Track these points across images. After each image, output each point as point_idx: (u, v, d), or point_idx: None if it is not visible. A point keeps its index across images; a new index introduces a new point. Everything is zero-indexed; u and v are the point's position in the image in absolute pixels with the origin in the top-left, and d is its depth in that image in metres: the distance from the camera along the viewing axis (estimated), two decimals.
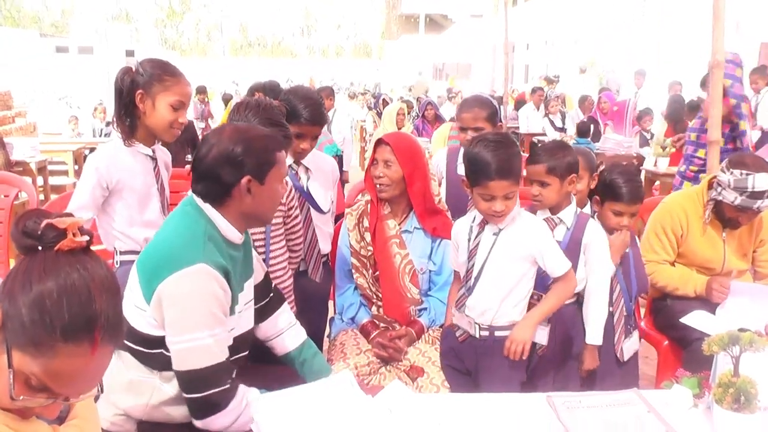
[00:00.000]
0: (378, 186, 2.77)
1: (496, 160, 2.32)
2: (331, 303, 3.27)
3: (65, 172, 8.78)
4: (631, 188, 2.80)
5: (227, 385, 1.89)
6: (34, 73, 17.53)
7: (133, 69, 2.61)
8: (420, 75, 29.62)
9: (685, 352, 2.98)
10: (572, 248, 2.62)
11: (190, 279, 1.84)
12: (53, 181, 8.39)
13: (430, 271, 2.86)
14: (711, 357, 2.02)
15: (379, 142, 2.80)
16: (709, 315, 2.95)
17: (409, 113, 9.87)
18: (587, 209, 2.90)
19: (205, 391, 1.87)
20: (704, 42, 3.89)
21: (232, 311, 1.99)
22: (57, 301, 1.14)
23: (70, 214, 1.23)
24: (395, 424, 1.86)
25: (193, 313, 1.85)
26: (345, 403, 1.92)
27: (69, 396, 1.20)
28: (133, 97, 2.58)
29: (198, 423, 1.91)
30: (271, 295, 2.38)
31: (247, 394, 1.95)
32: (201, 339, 1.85)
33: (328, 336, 3.09)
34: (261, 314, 2.31)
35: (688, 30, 16.63)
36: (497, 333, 2.47)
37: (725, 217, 3.01)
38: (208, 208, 1.98)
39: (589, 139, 8.48)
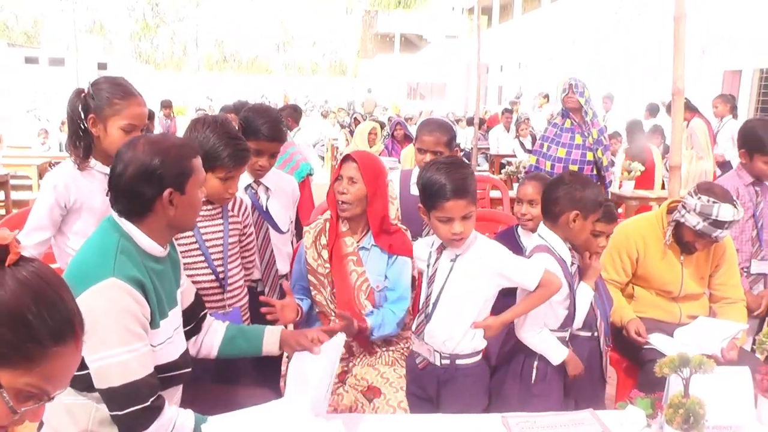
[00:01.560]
0: (340, 203, 2.77)
1: (450, 180, 2.32)
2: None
3: (29, 187, 8.64)
4: (609, 209, 2.85)
5: (148, 403, 1.84)
6: (0, 84, 17.31)
7: (85, 92, 2.57)
8: (369, 92, 29.84)
9: (640, 373, 3.02)
10: None
11: (101, 295, 1.80)
12: (16, 195, 8.22)
13: (385, 288, 2.85)
14: (659, 376, 2.04)
15: (346, 159, 2.80)
16: (668, 337, 3.01)
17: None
18: None
19: (127, 408, 1.82)
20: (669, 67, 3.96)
21: (155, 325, 1.95)
22: (38, 313, 1.16)
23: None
24: None
25: (106, 330, 1.81)
26: (297, 425, 1.90)
27: (56, 391, 1.23)
28: (85, 122, 2.54)
29: None
30: (204, 312, 2.34)
31: (177, 418, 1.91)
32: (117, 356, 1.80)
33: (287, 356, 3.06)
34: (193, 332, 2.27)
35: (656, 55, 16.94)
36: (458, 361, 2.47)
37: (683, 240, 3.05)
38: (125, 223, 1.95)
39: None
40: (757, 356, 2.77)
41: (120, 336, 1.82)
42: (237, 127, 2.69)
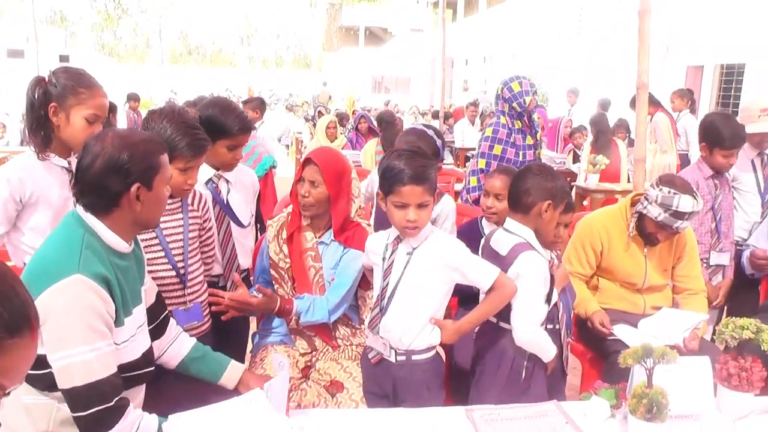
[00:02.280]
0: (302, 205, 2.73)
1: (410, 167, 2.30)
2: (253, 319, 3.21)
3: None
4: (569, 200, 2.85)
5: (111, 403, 1.80)
6: None
7: (46, 79, 2.49)
8: (324, 85, 29.89)
9: (604, 365, 3.05)
10: None
11: (65, 292, 1.76)
12: None
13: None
14: (629, 369, 2.06)
15: (308, 161, 2.74)
16: (632, 328, 3.04)
17: (344, 125, 9.88)
18: None
19: (90, 408, 1.78)
20: (629, 62, 4.00)
21: (119, 322, 1.91)
22: None
23: None
24: None
25: (70, 328, 1.76)
26: (257, 421, 1.87)
27: (12, 386, 1.20)
28: (46, 110, 2.46)
29: None
30: (165, 313, 2.30)
31: (141, 421, 1.87)
32: (80, 354, 1.76)
33: (250, 352, 3.03)
34: (156, 332, 2.22)
35: (620, 50, 17.14)
36: (414, 357, 2.43)
37: (645, 231, 3.08)
38: (90, 218, 1.90)
39: None
40: (717, 346, 2.82)
41: (83, 334, 1.77)
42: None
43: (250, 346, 3.11)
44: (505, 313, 2.51)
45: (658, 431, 1.93)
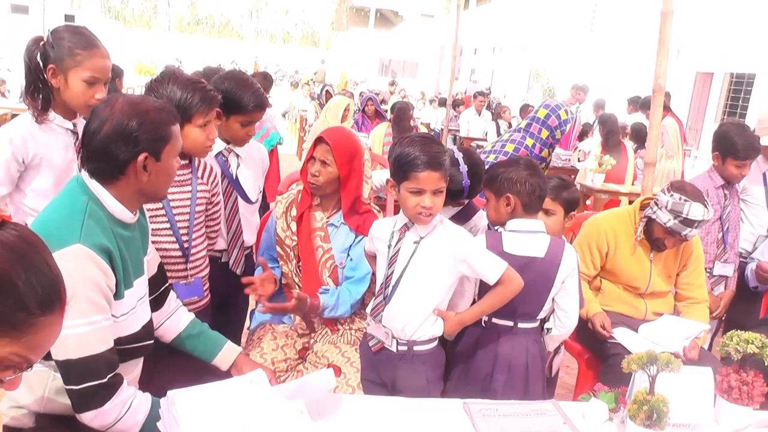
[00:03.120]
0: (312, 183, 2.70)
1: (425, 152, 2.27)
2: (251, 296, 3.19)
3: None
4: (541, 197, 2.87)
5: (105, 380, 1.77)
6: None
7: (44, 40, 2.42)
8: (322, 63, 29.85)
9: (602, 366, 3.04)
10: None
11: (64, 261, 1.65)
12: None
13: (347, 265, 2.79)
14: (626, 372, 2.04)
15: (320, 140, 2.70)
16: (633, 332, 3.03)
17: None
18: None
19: (83, 383, 1.75)
20: (641, 63, 3.95)
21: (119, 295, 1.87)
22: (27, 281, 1.10)
23: None
24: (306, 424, 1.80)
25: (68, 300, 1.74)
26: (258, 401, 1.84)
27: (37, 360, 1.19)
28: (44, 72, 2.40)
29: (79, 417, 1.80)
30: (165, 284, 2.26)
31: (134, 399, 1.84)
32: (76, 327, 1.72)
33: (248, 329, 3.01)
34: (156, 304, 2.18)
35: (632, 50, 17.09)
36: (416, 347, 2.42)
37: (653, 236, 3.06)
38: (95, 185, 1.85)
39: None
40: (715, 356, 2.81)
41: (81, 306, 1.73)
42: None
43: (248, 323, 3.09)
44: (527, 315, 2.52)
45: None
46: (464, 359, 2.59)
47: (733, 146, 3.60)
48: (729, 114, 15.72)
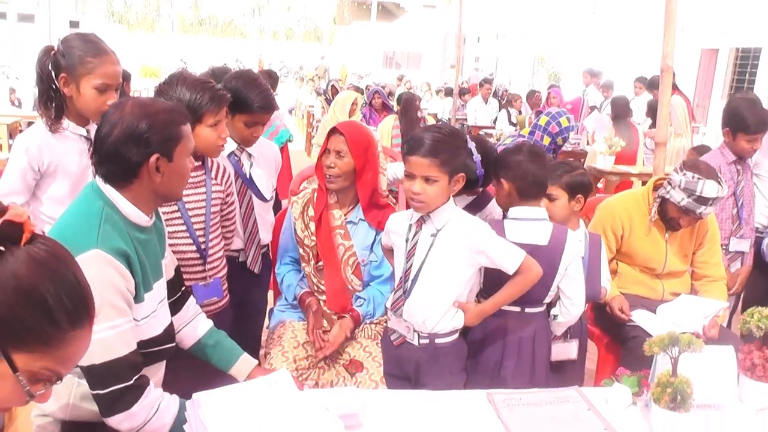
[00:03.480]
0: (328, 176, 2.70)
1: (425, 138, 2.28)
2: (270, 294, 3.20)
3: None
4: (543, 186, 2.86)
5: (131, 382, 1.78)
6: None
7: (55, 49, 2.44)
8: (322, 59, 29.92)
9: (622, 350, 3.04)
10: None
11: (83, 267, 1.71)
12: None
13: (371, 262, 2.81)
14: (648, 355, 2.04)
15: (333, 131, 2.71)
16: (651, 314, 3.02)
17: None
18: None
19: (109, 386, 1.76)
20: (645, 43, 3.94)
21: (139, 298, 1.87)
22: (56, 295, 1.11)
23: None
24: (332, 422, 1.80)
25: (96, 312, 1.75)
26: (283, 401, 1.85)
27: (67, 373, 1.20)
28: (57, 81, 2.42)
29: (107, 421, 1.81)
30: (183, 288, 2.26)
31: (162, 401, 1.85)
32: (99, 332, 1.71)
33: (268, 327, 3.02)
34: (174, 308, 2.18)
35: (635, 32, 16.97)
36: (438, 340, 2.42)
37: (668, 216, 3.05)
38: (109, 190, 1.86)
39: None
40: (734, 333, 2.79)
41: (103, 311, 1.73)
42: None
43: (267, 322, 3.10)
44: (533, 300, 2.52)
45: (681, 420, 1.91)
46: (474, 349, 2.59)
47: (743, 121, 3.58)
48: (736, 90, 15.57)
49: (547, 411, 2.07)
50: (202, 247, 2.56)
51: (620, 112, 7.51)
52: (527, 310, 2.53)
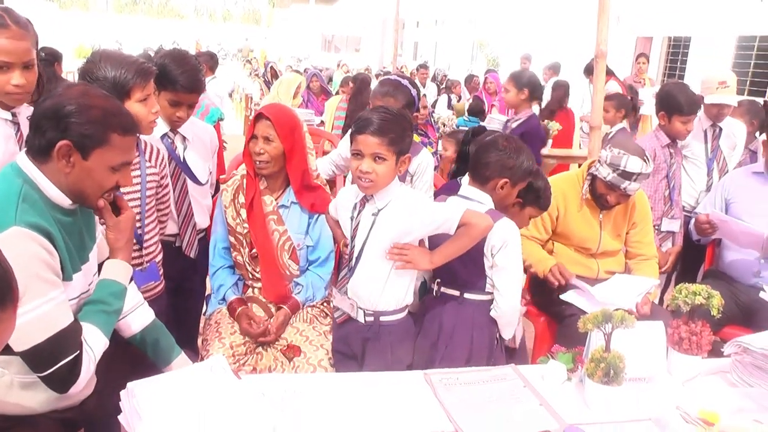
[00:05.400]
0: (257, 163, 2.66)
1: (373, 117, 2.28)
2: (208, 280, 3.14)
3: None
4: (547, 198, 2.87)
5: (77, 352, 1.74)
6: None
7: None
8: (246, 41, 29.81)
9: (558, 328, 3.10)
10: None
11: (4, 246, 1.53)
12: None
13: (307, 246, 2.78)
14: (582, 332, 2.08)
15: (259, 117, 2.66)
16: (582, 293, 3.08)
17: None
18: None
19: (58, 362, 1.71)
20: (585, 31, 4.03)
21: (67, 276, 1.81)
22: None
23: None
24: (269, 407, 1.79)
25: (18, 284, 1.68)
26: (219, 387, 1.82)
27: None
28: None
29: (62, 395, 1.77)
30: None
31: (88, 339, 1.81)
32: (36, 309, 1.67)
33: (204, 314, 2.97)
34: None
35: (573, 19, 17.25)
36: (383, 318, 2.42)
37: (597, 192, 3.12)
38: (31, 169, 1.79)
39: (478, 118, 8.63)
40: (665, 310, 2.87)
41: (35, 286, 1.67)
42: None
43: (205, 308, 3.05)
44: (469, 284, 2.52)
45: (614, 394, 1.97)
46: (416, 330, 2.60)
47: (677, 103, 3.73)
48: (669, 76, 16.09)
49: (484, 389, 2.09)
50: (138, 231, 2.49)
51: (561, 95, 7.63)
52: (466, 295, 2.53)
